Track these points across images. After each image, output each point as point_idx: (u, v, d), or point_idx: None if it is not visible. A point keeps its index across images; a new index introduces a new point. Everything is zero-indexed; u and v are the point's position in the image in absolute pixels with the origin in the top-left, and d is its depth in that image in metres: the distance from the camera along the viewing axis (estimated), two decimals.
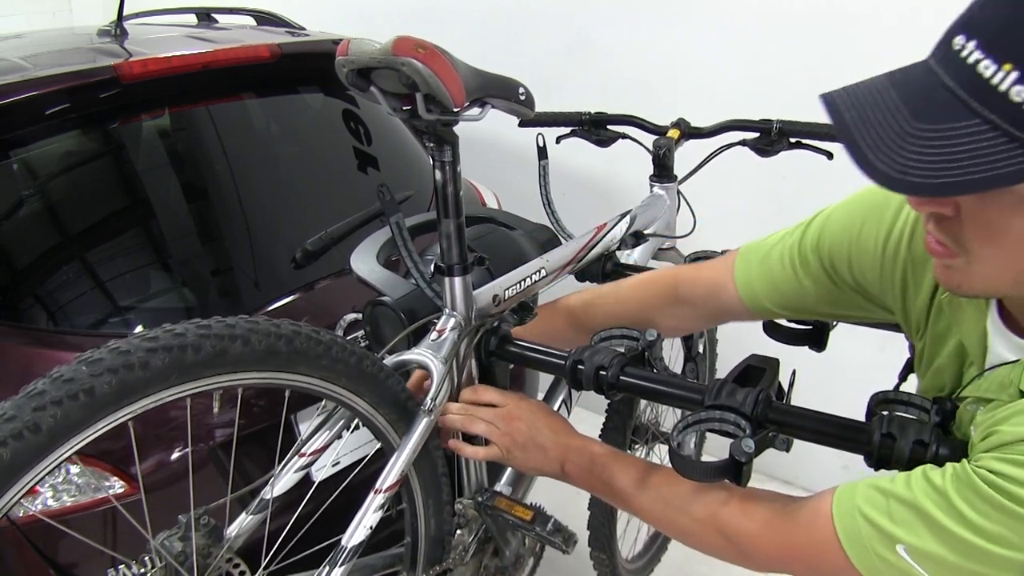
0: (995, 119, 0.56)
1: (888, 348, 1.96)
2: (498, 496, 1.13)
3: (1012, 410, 0.69)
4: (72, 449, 0.72)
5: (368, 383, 0.96)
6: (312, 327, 0.91)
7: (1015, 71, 0.55)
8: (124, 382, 0.74)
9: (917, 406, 0.86)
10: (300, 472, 1.00)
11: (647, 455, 1.80)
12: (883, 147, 0.60)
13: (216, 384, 0.82)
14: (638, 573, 1.93)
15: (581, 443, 1.03)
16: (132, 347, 0.75)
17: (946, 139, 0.58)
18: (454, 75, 0.88)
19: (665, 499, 0.92)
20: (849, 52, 1.93)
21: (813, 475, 2.48)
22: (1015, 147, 0.56)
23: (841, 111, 0.64)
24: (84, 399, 0.71)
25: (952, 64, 0.59)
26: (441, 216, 1.04)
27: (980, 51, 0.57)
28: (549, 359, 1.09)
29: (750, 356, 1.02)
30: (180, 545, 0.88)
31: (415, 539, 1.11)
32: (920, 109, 0.60)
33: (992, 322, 0.76)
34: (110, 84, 1.39)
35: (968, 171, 0.57)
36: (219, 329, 0.81)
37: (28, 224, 1.40)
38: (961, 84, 0.59)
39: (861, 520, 0.73)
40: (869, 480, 0.75)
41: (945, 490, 0.68)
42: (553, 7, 2.39)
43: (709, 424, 0.90)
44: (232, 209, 1.58)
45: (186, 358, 0.78)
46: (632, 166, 1.80)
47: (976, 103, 0.57)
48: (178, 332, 0.79)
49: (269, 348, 0.85)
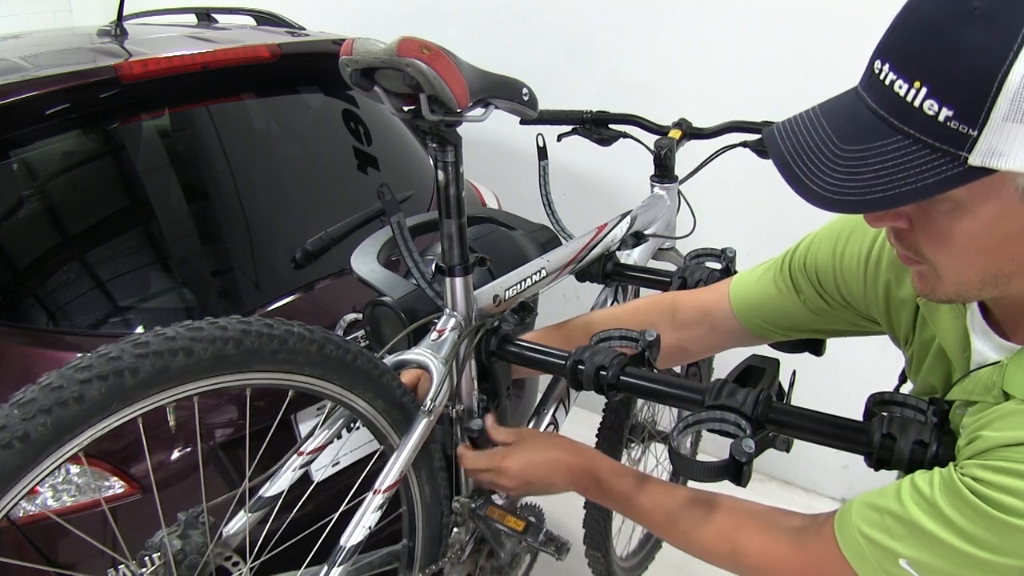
0: (915, 133, 0.60)
1: (888, 348, 1.96)
2: (490, 505, 1.13)
3: (994, 414, 0.71)
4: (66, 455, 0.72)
5: (368, 383, 0.96)
6: (322, 328, 0.91)
7: (924, 87, 0.59)
8: (113, 388, 0.73)
9: (913, 407, 0.86)
10: (299, 471, 1.00)
11: (643, 454, 1.81)
12: (817, 171, 0.65)
13: (221, 384, 0.82)
14: (632, 571, 1.94)
15: (580, 464, 1.02)
16: (122, 352, 0.74)
17: (874, 157, 0.62)
18: (458, 76, 0.88)
19: (676, 519, 0.94)
20: (850, 53, 1.93)
21: (813, 475, 2.48)
22: (937, 157, 0.59)
23: (778, 142, 0.68)
24: (74, 407, 0.70)
25: (874, 87, 0.64)
26: (443, 216, 1.04)
27: (894, 72, 0.61)
28: (549, 359, 1.09)
29: (750, 356, 1.02)
30: (179, 543, 0.88)
31: (413, 538, 1.11)
32: (848, 133, 0.65)
33: (974, 323, 0.78)
34: (110, 84, 1.39)
35: (897, 185, 0.61)
36: (210, 332, 0.80)
37: (28, 224, 1.40)
38: (882, 105, 0.63)
39: (862, 540, 0.75)
40: (862, 498, 0.78)
41: (934, 500, 0.70)
42: (556, 7, 2.40)
43: (709, 424, 0.90)
44: (232, 209, 1.58)
45: (176, 363, 0.76)
46: (633, 166, 1.80)
47: (896, 120, 0.61)
48: (168, 336, 0.78)
49: (271, 349, 0.85)
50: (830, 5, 1.93)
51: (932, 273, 0.70)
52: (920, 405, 0.86)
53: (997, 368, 0.73)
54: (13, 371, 1.24)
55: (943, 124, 0.58)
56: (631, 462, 1.78)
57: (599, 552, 1.70)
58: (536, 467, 1.04)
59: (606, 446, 1.61)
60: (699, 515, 0.91)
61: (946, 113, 0.58)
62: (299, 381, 0.90)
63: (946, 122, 0.58)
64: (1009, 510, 0.64)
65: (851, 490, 2.42)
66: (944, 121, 0.58)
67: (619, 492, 0.99)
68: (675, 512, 0.94)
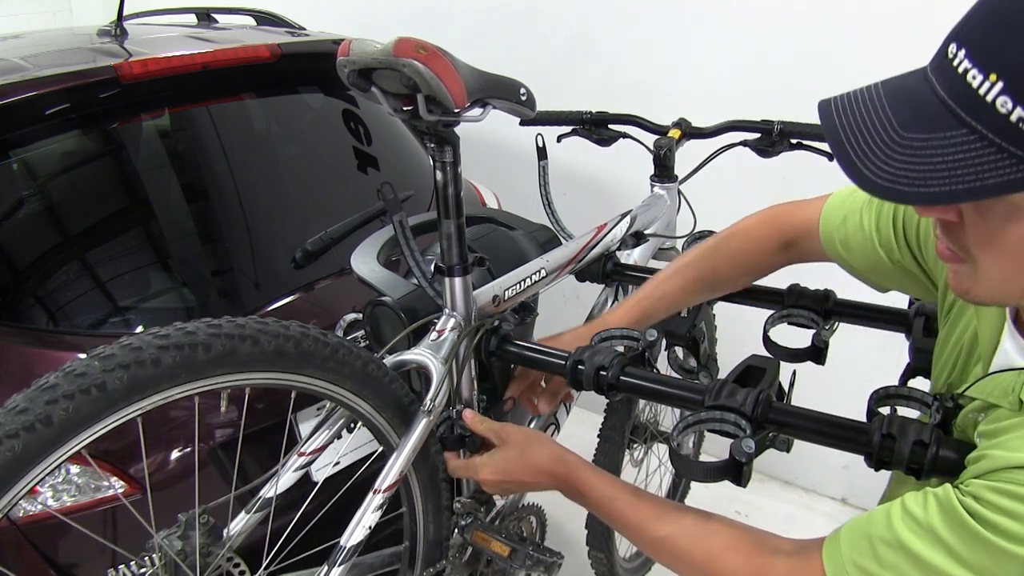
0: (982, 129, 0.57)
1: (888, 348, 1.97)
2: (476, 530, 1.11)
3: (1007, 432, 0.69)
4: (82, 443, 0.73)
5: (369, 384, 0.96)
6: (319, 329, 0.91)
7: (1000, 81, 0.55)
8: (135, 378, 0.74)
9: (919, 400, 0.86)
10: (300, 471, 1.00)
11: (645, 454, 1.80)
12: (872, 155, 0.61)
13: (224, 383, 0.82)
14: (635, 572, 1.93)
15: (564, 472, 0.99)
16: (144, 344, 0.76)
17: (934, 149, 0.59)
18: (455, 76, 0.88)
19: (660, 539, 0.89)
20: (850, 53, 1.93)
21: (813, 475, 2.48)
22: (1003, 157, 0.56)
23: (833, 118, 0.65)
24: (96, 394, 0.72)
25: (945, 72, 0.60)
26: (442, 216, 1.04)
27: (969, 60, 0.57)
28: (549, 359, 1.09)
29: (750, 357, 1.02)
30: (180, 543, 0.88)
31: (413, 539, 1.11)
32: (909, 118, 0.61)
33: (1007, 323, 0.76)
34: (110, 84, 1.39)
35: (955, 181, 0.57)
36: (229, 329, 0.81)
37: (28, 224, 1.40)
38: (951, 94, 0.59)
39: (852, 569, 0.72)
40: (850, 525, 0.75)
41: (930, 524, 0.67)
42: (556, 7, 2.40)
43: (709, 424, 0.90)
44: (232, 209, 1.58)
45: (197, 356, 0.78)
46: (633, 166, 1.80)
47: (964, 113, 0.58)
48: (189, 330, 0.79)
49: (278, 349, 0.85)
50: (830, 5, 1.93)
51: (970, 273, 0.68)
52: (925, 399, 0.85)
53: (1019, 375, 0.71)
54: (13, 371, 1.24)
55: (1014, 125, 0.55)
56: (633, 463, 1.78)
57: (602, 553, 1.70)
58: (511, 475, 1.01)
59: (608, 446, 1.61)
60: (681, 531, 0.87)
61: (1020, 113, 0.55)
62: (300, 381, 0.90)
63: (1018, 123, 0.55)
64: (1008, 535, 0.62)
65: (851, 490, 2.42)
66: (1016, 122, 0.55)
67: (596, 502, 0.95)
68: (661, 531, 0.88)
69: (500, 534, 1.09)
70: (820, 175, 1.55)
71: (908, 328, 1.18)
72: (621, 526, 0.94)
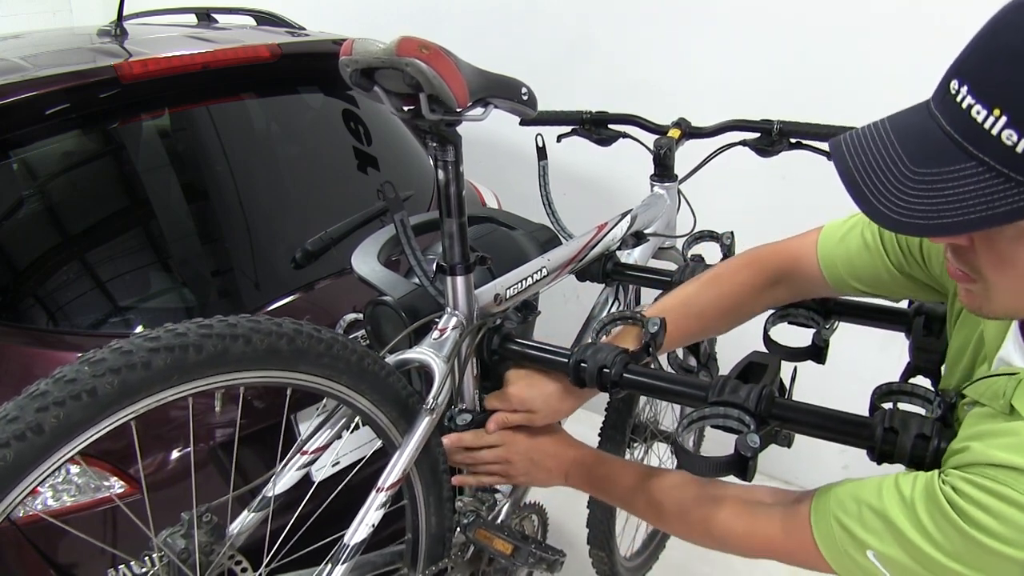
0: (990, 161, 0.60)
1: (888, 348, 1.97)
2: (478, 528, 1.13)
3: (992, 428, 0.71)
4: (74, 449, 0.72)
5: (366, 379, 0.96)
6: (313, 325, 0.91)
7: (1004, 116, 0.58)
8: (126, 382, 0.73)
9: (921, 396, 0.87)
10: (301, 470, 0.99)
11: (646, 453, 1.81)
12: (885, 192, 0.64)
13: (217, 384, 0.82)
14: (637, 571, 1.93)
15: (578, 454, 1.09)
16: (134, 347, 0.75)
17: (945, 182, 0.61)
18: (457, 75, 0.88)
19: (658, 502, 0.97)
20: (849, 53, 1.93)
21: (813, 475, 2.48)
22: (1011, 187, 0.59)
23: (846, 158, 0.67)
24: (87, 400, 0.71)
25: (949, 108, 0.62)
26: (443, 216, 1.04)
27: (972, 96, 0.60)
28: (552, 357, 1.09)
29: (752, 353, 1.02)
30: (183, 543, 0.88)
31: (416, 537, 1.11)
32: (918, 154, 0.64)
33: (1013, 325, 0.78)
34: (110, 84, 1.39)
35: (967, 211, 0.60)
36: (221, 328, 0.81)
37: (28, 224, 1.40)
38: (957, 129, 0.62)
39: (836, 525, 0.77)
40: (842, 486, 0.79)
41: (913, 502, 0.71)
42: (556, 7, 2.40)
43: (713, 420, 0.90)
44: (232, 209, 1.58)
45: (188, 357, 0.77)
46: (633, 166, 1.80)
47: (971, 147, 0.61)
48: (179, 332, 0.79)
49: (271, 347, 0.84)
50: (830, 5, 1.94)
51: (982, 293, 0.70)
52: (927, 395, 0.87)
53: (1012, 379, 0.73)
54: (13, 371, 1.24)
55: (1020, 156, 0.58)
56: None
57: (603, 552, 1.70)
58: (539, 458, 1.07)
59: (608, 446, 1.61)
60: (681, 498, 0.94)
61: None
62: (295, 378, 0.90)
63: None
64: (983, 528, 0.66)
65: None
66: (1022, 153, 0.58)
67: (606, 480, 1.03)
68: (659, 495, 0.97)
69: (502, 532, 1.09)
70: (820, 175, 1.56)
71: (908, 327, 1.18)
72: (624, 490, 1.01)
